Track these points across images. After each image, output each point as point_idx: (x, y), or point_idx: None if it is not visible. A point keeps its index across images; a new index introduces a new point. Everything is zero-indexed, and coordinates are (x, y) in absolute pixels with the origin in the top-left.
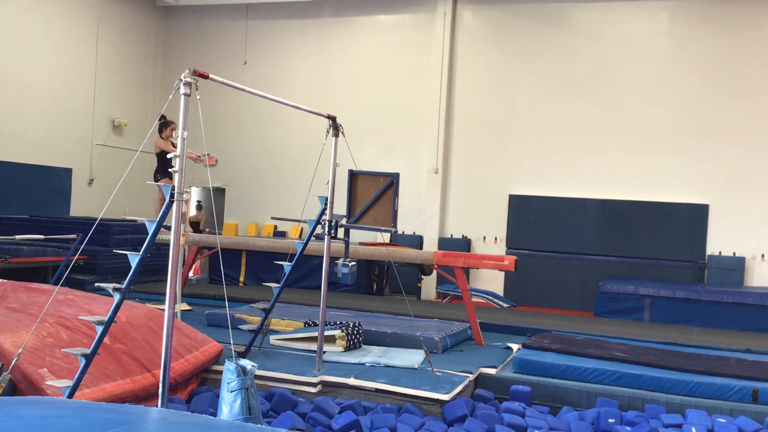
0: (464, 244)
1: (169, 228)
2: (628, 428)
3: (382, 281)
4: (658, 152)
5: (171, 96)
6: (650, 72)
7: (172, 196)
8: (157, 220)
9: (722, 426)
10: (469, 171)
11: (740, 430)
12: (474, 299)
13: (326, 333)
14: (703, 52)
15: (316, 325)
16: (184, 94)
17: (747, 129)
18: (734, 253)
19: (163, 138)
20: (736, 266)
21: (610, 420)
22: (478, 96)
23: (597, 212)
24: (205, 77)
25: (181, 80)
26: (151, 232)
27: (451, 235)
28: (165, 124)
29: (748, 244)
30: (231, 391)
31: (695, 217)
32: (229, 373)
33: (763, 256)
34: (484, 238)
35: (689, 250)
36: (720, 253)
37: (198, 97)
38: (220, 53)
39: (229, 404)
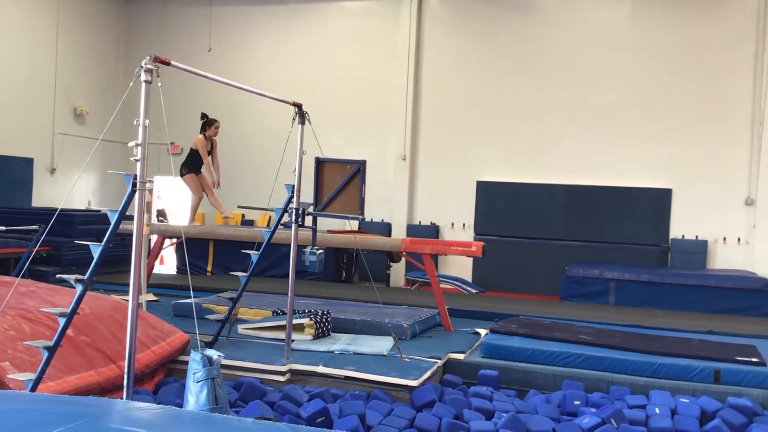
0: (433, 230)
1: (132, 218)
2: (593, 410)
3: (351, 269)
4: (623, 138)
5: (132, 83)
6: (615, 58)
7: (134, 185)
8: (120, 209)
9: (685, 406)
10: (437, 158)
11: (703, 410)
12: (443, 285)
13: (295, 321)
14: (665, 38)
15: (284, 313)
16: (146, 81)
17: (708, 114)
18: (697, 237)
19: (205, 137)
20: (698, 249)
21: (575, 402)
22: (445, 83)
23: (563, 198)
24: (167, 64)
25: (141, 67)
26: (113, 221)
27: (420, 222)
28: (208, 123)
29: (710, 227)
30: (197, 382)
31: (659, 201)
32: (194, 363)
33: (725, 239)
34: (453, 224)
35: (653, 234)
36: (683, 236)
37: (159, 84)
38: (183, 40)
39: (195, 395)
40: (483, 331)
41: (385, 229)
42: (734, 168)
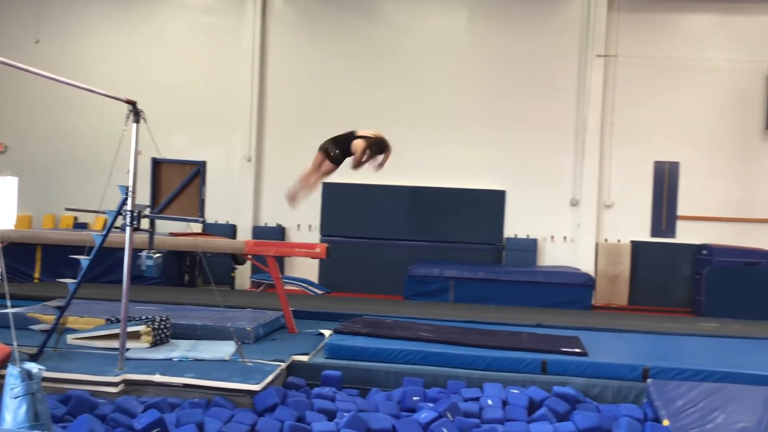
0: (279, 232)
1: None
2: (430, 404)
3: (194, 272)
4: (461, 141)
5: None
6: (454, 65)
7: None
8: None
9: (515, 396)
10: (284, 159)
11: (531, 399)
12: (289, 287)
13: (130, 329)
14: (499, 49)
15: (118, 321)
16: None
17: (538, 121)
18: (528, 236)
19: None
20: (529, 247)
21: (414, 398)
22: (291, 83)
23: (406, 199)
24: None
25: None
26: None
27: (266, 224)
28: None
29: (539, 226)
30: (15, 398)
31: (494, 202)
32: (12, 378)
33: (552, 237)
34: (299, 225)
35: (489, 234)
36: (515, 235)
37: None
38: (6, 30)
39: (13, 411)
40: (327, 332)
41: (230, 231)
42: (561, 171)
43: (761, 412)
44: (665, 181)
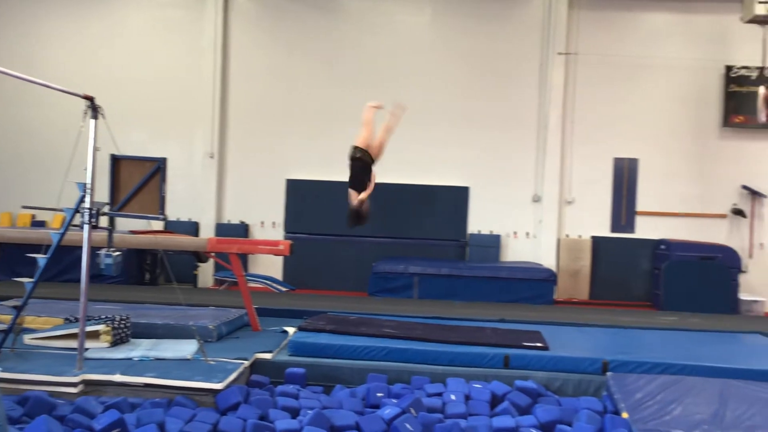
0: (242, 229)
1: None
2: (394, 400)
3: (155, 271)
4: (425, 138)
5: None
6: (418, 62)
7: None
8: None
9: (478, 391)
10: (247, 155)
11: (493, 394)
12: (252, 284)
13: (89, 328)
14: (463, 46)
15: (77, 320)
16: None
17: (501, 118)
18: (491, 232)
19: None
20: (492, 243)
21: (378, 394)
22: (254, 79)
23: (371, 196)
24: None
25: None
26: None
27: (229, 221)
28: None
29: (502, 222)
30: None
31: (457, 199)
32: None
33: (515, 233)
34: (263, 223)
35: (453, 230)
36: (479, 231)
37: None
38: None
39: None
40: (291, 330)
41: (193, 228)
42: (523, 168)
43: (717, 404)
44: (624, 178)
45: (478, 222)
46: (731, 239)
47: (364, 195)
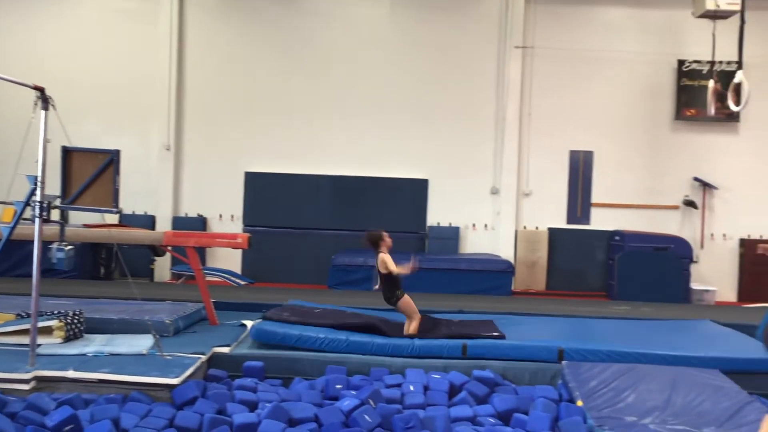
0: (200, 222)
1: None
2: (353, 392)
3: (110, 265)
4: (384, 131)
5: None
6: (376, 54)
7: None
8: None
9: (436, 381)
10: (204, 148)
11: (452, 384)
12: (210, 278)
13: (41, 324)
14: (421, 38)
15: (29, 315)
16: None
17: (460, 110)
18: (450, 224)
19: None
20: (451, 235)
21: (337, 386)
22: (211, 70)
23: (329, 188)
24: None
25: None
26: None
27: (186, 214)
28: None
29: (461, 214)
30: None
31: (416, 191)
32: None
33: (474, 225)
34: (221, 216)
35: (413, 222)
36: (438, 223)
37: None
38: None
39: None
40: (249, 323)
41: (149, 222)
42: (482, 160)
43: (669, 391)
44: (580, 170)
45: (437, 214)
46: (683, 230)
47: (399, 270)
